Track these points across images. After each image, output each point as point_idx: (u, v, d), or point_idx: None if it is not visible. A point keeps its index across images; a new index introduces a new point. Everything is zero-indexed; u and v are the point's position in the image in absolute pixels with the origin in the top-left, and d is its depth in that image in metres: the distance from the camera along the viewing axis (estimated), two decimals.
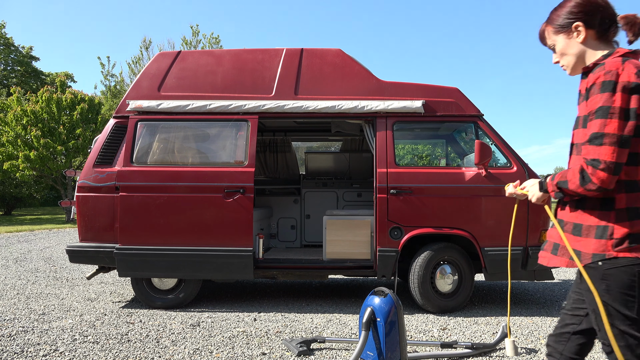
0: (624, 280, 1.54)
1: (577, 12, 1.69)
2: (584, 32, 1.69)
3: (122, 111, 4.91)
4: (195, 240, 4.60)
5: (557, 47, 1.76)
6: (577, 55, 1.72)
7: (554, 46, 1.78)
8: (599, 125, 1.53)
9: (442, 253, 4.56)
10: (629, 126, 1.51)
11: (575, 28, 1.70)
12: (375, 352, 2.97)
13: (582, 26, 1.68)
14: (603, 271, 1.57)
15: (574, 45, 1.71)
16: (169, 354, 3.42)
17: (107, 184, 4.70)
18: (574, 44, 1.71)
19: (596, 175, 1.52)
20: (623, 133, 1.50)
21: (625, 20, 1.67)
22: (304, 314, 4.54)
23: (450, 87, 4.88)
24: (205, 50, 7.75)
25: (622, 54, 1.63)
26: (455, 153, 5.58)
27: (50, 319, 4.33)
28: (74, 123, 18.45)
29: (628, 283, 1.54)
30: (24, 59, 33.24)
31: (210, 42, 24.08)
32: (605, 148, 1.50)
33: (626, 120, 1.51)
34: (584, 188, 1.56)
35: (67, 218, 18.45)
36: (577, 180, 1.57)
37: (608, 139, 1.51)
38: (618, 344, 1.57)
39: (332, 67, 4.92)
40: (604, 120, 1.52)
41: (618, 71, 1.54)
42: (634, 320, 1.54)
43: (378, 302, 3.04)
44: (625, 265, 1.54)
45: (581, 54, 1.71)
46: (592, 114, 1.56)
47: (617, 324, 1.56)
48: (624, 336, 1.56)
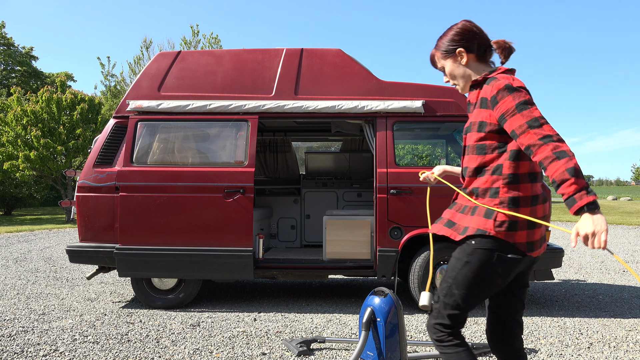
0: (485, 253, 1.82)
1: (458, 39, 1.98)
2: (466, 56, 1.97)
3: (122, 111, 4.91)
4: (195, 240, 4.60)
5: (446, 70, 2.04)
6: (464, 76, 2.01)
7: (444, 69, 2.05)
8: (527, 114, 1.71)
9: (442, 253, 4.56)
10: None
11: (459, 53, 1.98)
12: (375, 352, 2.97)
13: (464, 51, 1.97)
14: (476, 245, 1.85)
15: (460, 68, 2.00)
16: (169, 354, 3.42)
17: (107, 184, 4.70)
18: (460, 67, 2.00)
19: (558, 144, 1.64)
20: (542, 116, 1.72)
21: (497, 45, 1.98)
22: (304, 314, 4.54)
23: (451, 87, 4.88)
24: (205, 50, 7.75)
25: (503, 71, 1.91)
26: (455, 153, 5.58)
27: (50, 319, 4.33)
28: (74, 123, 18.44)
29: (488, 256, 1.82)
30: (24, 59, 33.25)
31: (210, 42, 24.09)
32: (547, 126, 1.69)
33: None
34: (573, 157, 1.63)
35: (67, 218, 18.45)
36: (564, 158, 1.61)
37: (542, 120, 1.70)
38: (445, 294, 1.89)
39: (332, 67, 4.92)
40: (528, 110, 1.72)
41: (510, 80, 1.80)
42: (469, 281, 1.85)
43: (378, 302, 3.04)
44: (495, 243, 1.81)
45: (467, 74, 2.00)
46: (509, 112, 1.75)
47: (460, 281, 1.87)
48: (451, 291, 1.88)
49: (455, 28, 2.01)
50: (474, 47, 1.98)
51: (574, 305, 4.92)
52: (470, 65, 1.99)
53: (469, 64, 1.99)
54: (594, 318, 4.42)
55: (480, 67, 1.99)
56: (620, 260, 1.59)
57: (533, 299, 5.20)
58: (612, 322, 4.29)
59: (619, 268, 7.23)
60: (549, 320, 4.35)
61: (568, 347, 3.61)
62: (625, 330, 4.03)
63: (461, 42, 1.98)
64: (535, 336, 3.87)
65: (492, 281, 1.86)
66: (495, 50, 2.00)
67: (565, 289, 5.69)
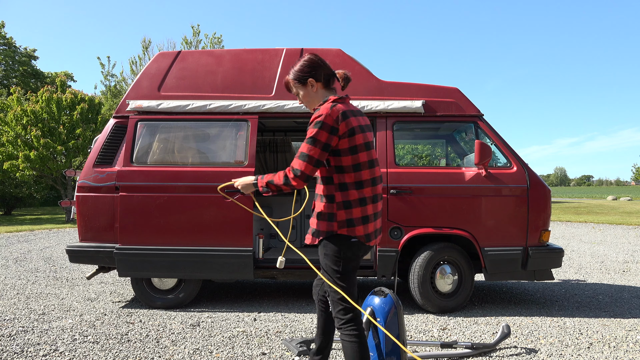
0: (335, 248, 2.36)
1: (308, 70, 2.46)
2: (315, 84, 2.46)
3: (122, 111, 4.91)
4: (195, 240, 4.60)
5: (300, 95, 2.52)
6: (315, 100, 2.49)
7: (299, 94, 2.52)
8: (307, 148, 2.31)
9: (442, 253, 4.56)
10: (323, 154, 2.31)
11: (310, 82, 2.46)
12: (375, 352, 2.96)
13: (314, 80, 2.46)
14: (325, 242, 2.38)
15: (311, 94, 2.49)
16: (169, 354, 3.42)
17: (107, 184, 4.70)
18: (311, 93, 2.49)
19: (294, 179, 2.33)
20: (318, 157, 2.31)
21: (339, 74, 2.51)
22: (304, 314, 4.54)
23: (450, 87, 4.88)
24: (205, 50, 7.74)
25: (333, 100, 2.40)
26: (455, 153, 5.58)
27: (50, 319, 4.33)
28: (74, 123, 18.43)
29: (337, 249, 2.36)
30: (24, 58, 33.24)
31: (212, 42, 24.09)
32: (305, 164, 2.31)
33: (322, 149, 2.30)
34: (284, 184, 2.36)
35: (67, 218, 18.45)
36: (282, 180, 2.36)
37: (307, 159, 2.30)
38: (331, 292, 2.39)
39: (332, 67, 4.91)
40: (310, 146, 2.30)
41: (325, 114, 2.31)
42: (340, 272, 2.37)
43: (378, 302, 3.04)
44: (339, 239, 2.35)
45: (317, 99, 2.48)
46: (306, 138, 2.32)
47: (330, 275, 2.39)
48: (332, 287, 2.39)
49: (303, 61, 2.48)
50: (320, 76, 2.46)
51: (574, 305, 4.92)
52: (319, 91, 2.48)
53: (317, 90, 2.48)
54: (594, 318, 4.42)
55: (326, 93, 2.49)
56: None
57: (533, 299, 5.20)
58: (612, 322, 4.29)
59: (619, 268, 7.23)
60: (549, 320, 4.35)
61: (568, 347, 3.60)
62: (625, 330, 4.03)
63: (310, 73, 2.46)
64: (535, 336, 3.87)
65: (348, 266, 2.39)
66: (338, 79, 2.51)
67: (565, 289, 5.68)
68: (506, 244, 4.54)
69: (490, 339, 3.77)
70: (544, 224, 4.60)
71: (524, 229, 4.54)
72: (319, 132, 2.30)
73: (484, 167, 4.58)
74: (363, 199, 2.37)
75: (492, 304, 4.94)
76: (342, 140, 2.33)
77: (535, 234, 4.56)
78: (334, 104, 2.36)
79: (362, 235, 2.36)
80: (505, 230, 4.55)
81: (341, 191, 2.36)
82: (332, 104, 2.36)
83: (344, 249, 2.35)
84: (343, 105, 2.39)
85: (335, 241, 2.35)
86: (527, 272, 4.59)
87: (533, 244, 4.56)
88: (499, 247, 4.53)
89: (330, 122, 2.30)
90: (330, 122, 2.30)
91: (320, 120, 2.30)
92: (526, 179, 4.59)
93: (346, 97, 2.46)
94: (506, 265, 4.54)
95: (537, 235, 4.56)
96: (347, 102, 2.45)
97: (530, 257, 4.51)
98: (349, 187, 2.36)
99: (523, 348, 3.58)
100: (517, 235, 4.55)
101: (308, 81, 2.46)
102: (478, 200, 4.56)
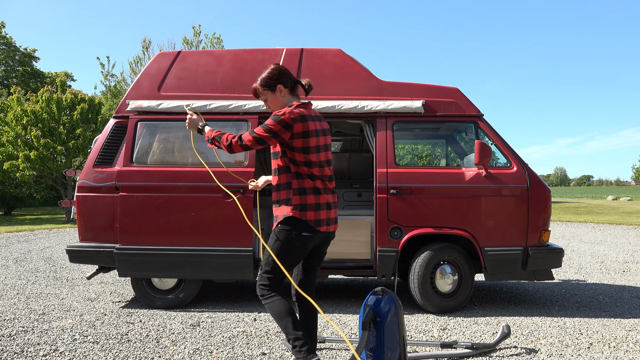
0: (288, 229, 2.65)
1: (276, 77, 2.77)
2: (283, 90, 2.77)
3: (122, 111, 4.91)
4: (195, 240, 4.60)
5: (268, 101, 2.82)
6: (282, 105, 2.79)
7: (266, 99, 2.81)
8: (258, 129, 2.66)
9: (442, 253, 4.56)
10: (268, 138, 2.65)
11: (278, 88, 2.77)
12: (375, 352, 2.96)
13: (282, 87, 2.76)
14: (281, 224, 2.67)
15: (279, 99, 2.79)
16: (169, 354, 3.42)
17: (107, 184, 4.69)
18: (279, 98, 2.79)
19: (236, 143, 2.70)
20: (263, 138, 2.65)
21: (304, 82, 2.81)
22: None
23: (450, 87, 4.88)
24: (205, 50, 7.75)
25: (295, 106, 2.72)
26: (455, 153, 5.58)
27: (50, 319, 4.33)
28: (74, 123, 18.44)
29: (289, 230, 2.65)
30: (25, 58, 33.23)
31: (212, 41, 24.09)
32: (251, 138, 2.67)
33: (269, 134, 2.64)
34: (227, 145, 2.71)
35: (67, 218, 18.45)
36: (227, 142, 2.72)
37: (255, 135, 2.67)
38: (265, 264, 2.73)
39: (332, 67, 4.92)
40: (262, 129, 2.65)
41: (285, 112, 2.66)
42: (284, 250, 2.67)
43: (378, 302, 3.04)
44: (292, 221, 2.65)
45: (284, 104, 2.79)
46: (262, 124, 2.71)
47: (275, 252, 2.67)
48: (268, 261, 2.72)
49: (272, 69, 2.79)
50: (287, 83, 2.77)
51: (574, 305, 4.92)
52: (286, 97, 2.78)
53: (285, 96, 2.78)
54: (594, 318, 4.42)
55: (292, 98, 2.80)
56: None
57: (533, 299, 5.20)
58: (612, 322, 4.29)
59: (619, 268, 7.23)
60: (549, 320, 4.35)
61: (568, 347, 3.60)
62: (625, 330, 4.03)
63: (279, 80, 2.76)
64: (535, 336, 3.87)
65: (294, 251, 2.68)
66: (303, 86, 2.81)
67: (565, 289, 5.68)
68: (506, 244, 4.54)
69: (490, 339, 3.77)
70: (544, 224, 4.60)
71: (524, 229, 4.54)
72: (274, 122, 2.63)
73: (484, 167, 4.58)
74: (317, 188, 2.69)
75: (492, 304, 4.94)
76: (296, 139, 2.65)
77: (536, 234, 4.56)
78: (296, 108, 2.70)
79: (312, 220, 2.65)
80: (505, 230, 4.55)
81: (297, 179, 2.67)
82: (294, 107, 2.70)
83: (294, 231, 2.64)
84: (305, 110, 2.72)
85: (288, 222, 2.65)
86: (527, 272, 4.59)
87: (533, 244, 4.56)
88: (499, 247, 4.53)
89: (287, 119, 2.63)
90: (287, 119, 2.63)
91: (278, 115, 2.64)
92: (526, 179, 4.59)
93: (308, 102, 2.79)
94: (506, 265, 4.54)
95: (537, 235, 4.56)
96: (309, 108, 2.77)
97: (530, 257, 4.51)
98: (304, 176, 2.67)
99: (523, 348, 3.58)
100: (517, 235, 4.54)
101: (277, 87, 2.75)
102: (478, 200, 4.56)
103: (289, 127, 2.62)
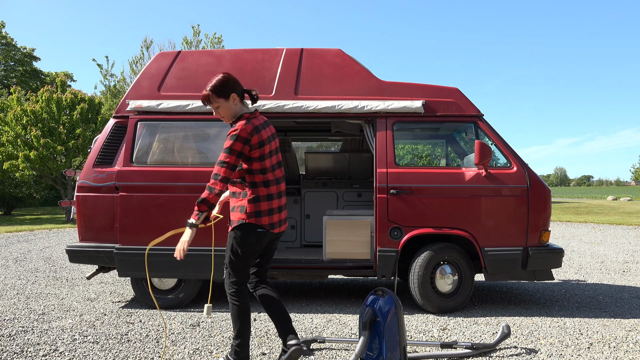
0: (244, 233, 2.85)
1: (231, 85, 2.87)
2: (236, 98, 2.88)
3: (122, 111, 4.91)
4: (195, 240, 4.58)
5: (220, 108, 2.88)
6: (234, 113, 2.90)
7: (218, 107, 2.88)
8: (224, 156, 2.75)
9: (442, 253, 4.56)
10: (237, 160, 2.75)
11: (232, 97, 2.86)
12: (375, 352, 2.96)
13: (235, 95, 2.87)
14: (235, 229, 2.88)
15: (231, 107, 2.89)
16: (169, 354, 3.42)
17: (107, 184, 4.69)
18: (232, 106, 2.89)
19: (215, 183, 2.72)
20: (233, 163, 2.75)
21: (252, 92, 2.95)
22: (304, 314, 4.54)
23: (450, 87, 4.88)
24: (205, 50, 7.75)
25: (246, 117, 2.85)
26: (455, 153, 5.58)
27: (50, 319, 4.33)
28: (74, 123, 18.43)
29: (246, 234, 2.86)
30: (24, 58, 33.22)
31: (213, 41, 24.08)
32: (223, 169, 2.74)
33: (236, 156, 2.75)
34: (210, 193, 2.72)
35: (67, 218, 18.45)
36: (206, 192, 2.73)
37: (225, 165, 2.74)
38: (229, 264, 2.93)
39: (332, 67, 4.92)
40: (226, 155, 2.74)
41: (240, 128, 2.76)
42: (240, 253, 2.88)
43: (378, 302, 3.04)
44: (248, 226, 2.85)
45: (235, 112, 2.90)
46: (223, 149, 2.76)
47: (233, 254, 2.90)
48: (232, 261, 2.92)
49: (224, 78, 2.87)
50: (238, 91, 2.88)
51: (574, 305, 4.92)
52: (237, 105, 2.90)
53: (237, 104, 2.89)
54: (594, 318, 4.42)
55: (242, 107, 2.92)
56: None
57: (533, 299, 5.20)
58: (612, 322, 4.29)
59: (619, 268, 7.23)
60: (549, 320, 4.35)
61: (568, 347, 3.60)
62: (625, 330, 4.03)
63: (233, 88, 2.86)
64: (535, 336, 3.87)
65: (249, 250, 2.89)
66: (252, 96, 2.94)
67: (565, 289, 5.68)
68: (506, 244, 4.54)
69: (490, 339, 3.77)
70: (544, 224, 4.60)
71: (524, 229, 4.54)
72: (234, 143, 2.74)
73: (484, 167, 4.58)
74: (270, 194, 2.88)
75: (492, 304, 4.94)
76: (254, 150, 2.80)
77: (535, 234, 4.56)
78: (247, 120, 2.82)
79: (267, 224, 2.87)
80: (505, 231, 4.55)
81: (251, 188, 2.85)
82: (246, 120, 2.83)
83: (250, 235, 2.85)
84: (255, 119, 2.86)
85: (243, 228, 2.85)
86: (527, 272, 4.59)
87: (533, 244, 4.56)
88: (499, 247, 4.53)
89: (245, 135, 2.76)
90: (245, 135, 2.76)
91: (236, 134, 2.75)
92: (526, 179, 4.59)
93: (256, 110, 2.94)
94: (506, 265, 4.54)
95: (537, 235, 4.56)
96: (258, 116, 2.92)
97: (530, 257, 4.51)
98: (258, 185, 2.85)
99: (523, 348, 3.58)
100: (517, 235, 4.54)
101: (231, 95, 2.86)
102: (478, 200, 4.56)
103: (247, 142, 2.77)
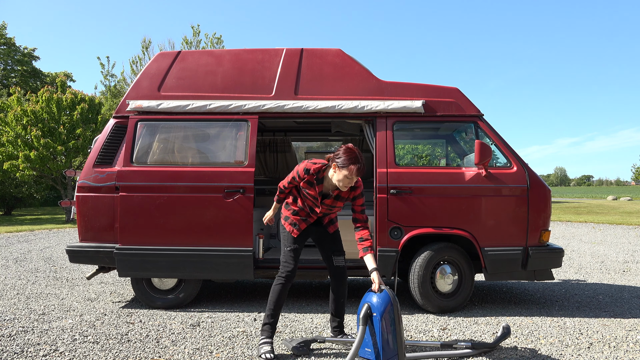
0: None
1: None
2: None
3: (122, 111, 4.91)
4: (195, 240, 4.60)
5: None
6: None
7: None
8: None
9: (442, 253, 4.56)
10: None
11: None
12: (372, 348, 2.97)
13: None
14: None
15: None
16: (169, 354, 3.42)
17: (107, 184, 4.69)
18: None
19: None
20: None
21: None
22: (304, 314, 4.54)
23: (450, 87, 4.88)
24: (205, 50, 7.74)
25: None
26: (455, 153, 5.58)
27: (50, 319, 4.33)
28: (74, 123, 18.43)
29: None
30: (25, 58, 33.22)
31: (213, 41, 24.08)
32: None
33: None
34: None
35: (67, 218, 18.45)
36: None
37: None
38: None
39: (332, 67, 4.92)
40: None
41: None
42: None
43: (375, 298, 3.05)
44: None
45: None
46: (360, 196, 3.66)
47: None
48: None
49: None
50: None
51: (574, 305, 4.92)
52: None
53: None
54: (594, 318, 4.42)
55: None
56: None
57: (533, 299, 5.20)
58: (612, 322, 4.29)
59: (619, 268, 7.23)
60: (549, 320, 4.35)
61: (568, 347, 3.60)
62: (625, 330, 4.03)
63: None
64: (535, 336, 3.87)
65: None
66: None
67: (565, 289, 5.68)
68: (506, 244, 4.54)
69: (490, 339, 3.77)
70: (544, 224, 4.60)
71: (524, 229, 4.54)
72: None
73: (484, 167, 4.58)
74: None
75: (492, 304, 4.94)
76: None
77: (536, 234, 4.56)
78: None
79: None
80: (505, 230, 4.55)
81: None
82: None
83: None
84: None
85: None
86: (527, 272, 4.59)
87: (533, 244, 4.56)
88: (499, 247, 4.53)
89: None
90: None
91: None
92: (526, 179, 4.59)
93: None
94: (506, 265, 4.54)
95: (537, 235, 4.56)
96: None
97: (530, 257, 4.51)
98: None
99: (523, 348, 3.58)
100: (517, 235, 4.54)
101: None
102: (478, 200, 4.56)
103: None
